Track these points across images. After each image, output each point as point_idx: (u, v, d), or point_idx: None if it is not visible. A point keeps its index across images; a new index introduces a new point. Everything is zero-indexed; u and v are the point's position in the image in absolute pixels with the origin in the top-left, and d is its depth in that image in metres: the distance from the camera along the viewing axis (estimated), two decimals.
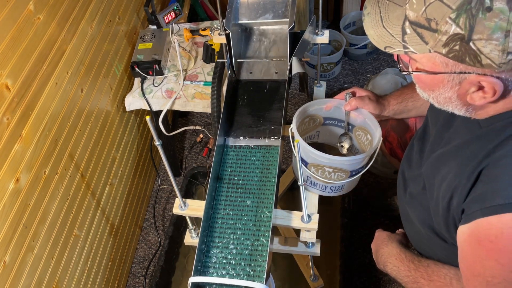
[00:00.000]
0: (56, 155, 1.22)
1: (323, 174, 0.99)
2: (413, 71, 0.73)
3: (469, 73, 0.65)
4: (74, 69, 1.31)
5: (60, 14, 1.24)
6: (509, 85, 0.65)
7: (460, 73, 0.66)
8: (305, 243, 1.10)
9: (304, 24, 1.92)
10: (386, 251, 1.03)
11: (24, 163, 1.08)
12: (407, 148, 1.09)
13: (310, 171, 1.00)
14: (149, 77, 1.59)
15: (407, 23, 0.67)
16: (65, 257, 1.28)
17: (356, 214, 1.70)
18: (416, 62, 0.72)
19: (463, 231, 0.74)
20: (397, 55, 0.77)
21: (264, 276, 0.92)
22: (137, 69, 1.56)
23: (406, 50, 0.69)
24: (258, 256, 0.95)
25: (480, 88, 0.67)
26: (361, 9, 2.29)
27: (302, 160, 1.00)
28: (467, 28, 0.60)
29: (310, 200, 1.05)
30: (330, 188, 1.05)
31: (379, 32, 0.71)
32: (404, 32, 0.68)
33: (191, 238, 1.14)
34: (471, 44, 0.61)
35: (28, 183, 1.10)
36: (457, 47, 0.62)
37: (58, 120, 1.23)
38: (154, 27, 1.70)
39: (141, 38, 1.65)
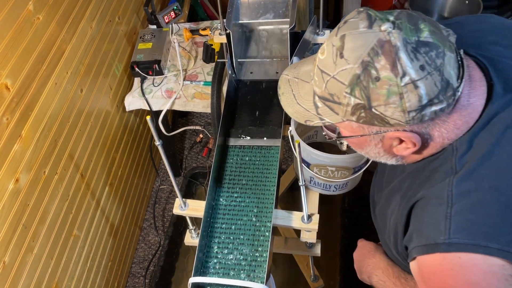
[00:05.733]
0: (55, 155, 1.22)
1: (326, 173, 0.99)
2: (337, 137, 0.77)
3: (385, 131, 0.68)
4: (74, 69, 1.31)
5: (60, 14, 1.23)
6: (425, 135, 0.68)
7: (377, 133, 0.69)
8: (305, 243, 1.09)
9: (305, 24, 1.91)
10: (372, 262, 1.01)
11: (23, 163, 1.08)
12: (377, 172, 1.09)
13: (313, 171, 1.00)
14: (149, 77, 1.59)
15: (316, 98, 0.71)
16: (64, 257, 1.28)
17: (356, 214, 1.69)
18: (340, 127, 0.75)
19: (412, 267, 0.76)
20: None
21: (265, 276, 0.92)
22: (137, 69, 1.56)
23: (323, 122, 0.72)
24: (258, 256, 0.95)
25: (402, 141, 0.69)
26: None
27: (304, 162, 1.00)
28: (365, 98, 0.63)
29: (310, 200, 1.05)
30: (334, 187, 1.05)
31: (296, 109, 0.75)
32: (316, 106, 0.71)
33: (191, 238, 1.14)
34: (373, 110, 0.64)
35: (27, 183, 1.10)
36: (363, 114, 0.65)
37: (57, 120, 1.23)
38: (154, 27, 1.70)
39: (141, 38, 1.65)
